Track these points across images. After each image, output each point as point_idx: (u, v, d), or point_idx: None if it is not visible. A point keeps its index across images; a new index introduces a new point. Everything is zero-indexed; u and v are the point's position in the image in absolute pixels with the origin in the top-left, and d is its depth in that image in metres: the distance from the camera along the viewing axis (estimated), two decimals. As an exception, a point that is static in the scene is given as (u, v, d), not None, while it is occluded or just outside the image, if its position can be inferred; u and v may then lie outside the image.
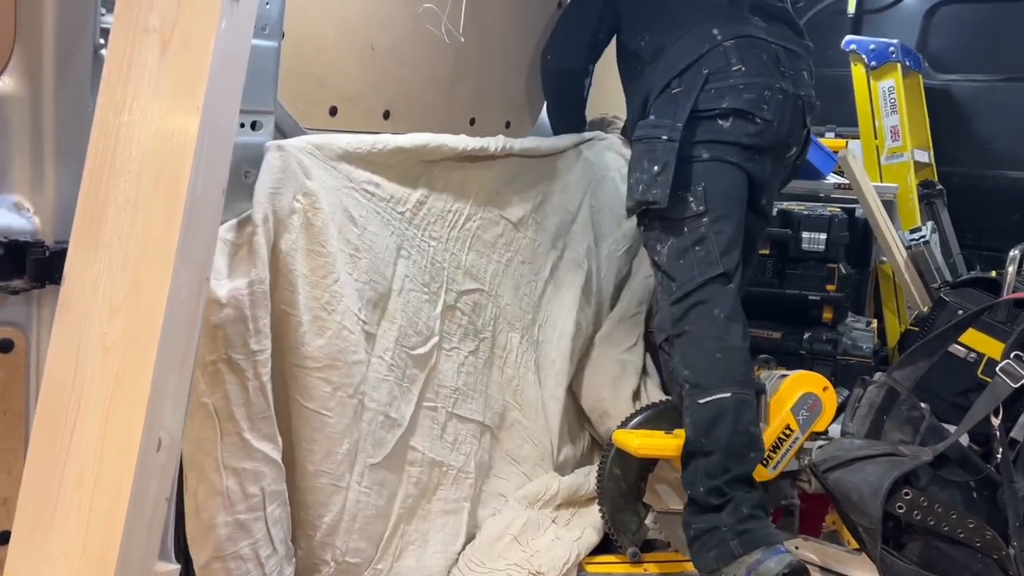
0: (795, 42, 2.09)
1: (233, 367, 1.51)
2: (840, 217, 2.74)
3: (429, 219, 1.95)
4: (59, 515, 1.07)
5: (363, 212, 1.77)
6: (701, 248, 1.93)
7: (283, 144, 1.61)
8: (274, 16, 1.56)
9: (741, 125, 1.95)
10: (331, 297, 1.66)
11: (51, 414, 1.10)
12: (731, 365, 1.88)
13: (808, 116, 2.08)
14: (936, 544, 1.71)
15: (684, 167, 1.94)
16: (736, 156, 1.97)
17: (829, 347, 2.68)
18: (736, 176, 1.98)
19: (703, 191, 1.94)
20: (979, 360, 2.32)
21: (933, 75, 3.46)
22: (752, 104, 1.95)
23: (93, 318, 1.10)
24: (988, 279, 2.58)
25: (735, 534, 1.78)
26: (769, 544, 1.76)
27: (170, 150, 1.11)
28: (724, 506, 1.80)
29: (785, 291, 2.82)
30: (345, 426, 1.68)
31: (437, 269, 1.96)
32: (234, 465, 1.52)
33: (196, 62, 1.12)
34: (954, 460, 1.75)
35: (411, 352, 1.88)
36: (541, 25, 2.47)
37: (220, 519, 1.51)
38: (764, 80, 1.97)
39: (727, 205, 1.96)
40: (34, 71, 1.25)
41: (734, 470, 1.81)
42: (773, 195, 2.20)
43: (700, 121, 1.96)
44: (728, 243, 1.94)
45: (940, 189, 3.31)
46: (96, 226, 1.12)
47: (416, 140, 1.89)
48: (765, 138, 1.98)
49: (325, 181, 1.67)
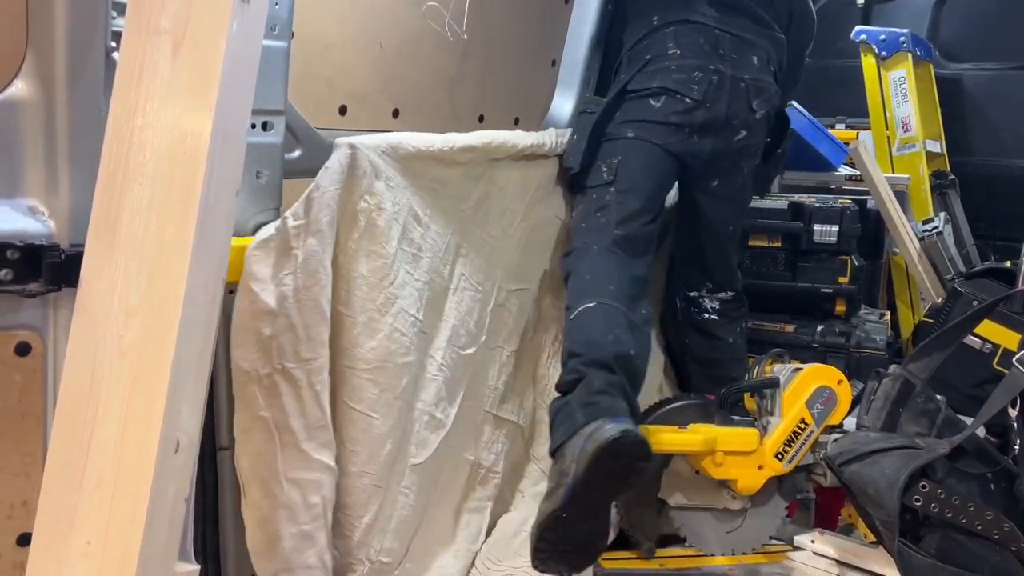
0: (751, 30, 2.11)
1: (288, 377, 1.52)
2: (852, 209, 2.72)
3: (488, 217, 1.95)
4: (79, 517, 1.08)
5: (428, 211, 1.76)
6: (602, 216, 2.01)
7: (355, 143, 1.61)
8: (284, 16, 1.56)
9: (670, 104, 2.03)
10: (386, 299, 1.65)
11: (69, 417, 1.11)
12: (600, 283, 1.92)
13: (755, 100, 2.09)
14: (954, 537, 1.70)
15: (609, 143, 2.05)
16: (662, 137, 2.03)
17: (842, 340, 2.66)
18: (656, 156, 2.04)
19: (617, 164, 2.03)
20: (995, 351, 2.30)
21: (944, 64, 3.43)
22: (681, 84, 2.02)
23: (110, 321, 1.11)
24: (1002, 269, 2.56)
25: (581, 406, 1.72)
26: (613, 415, 1.68)
27: (183, 152, 1.11)
28: (577, 383, 1.76)
29: (797, 284, 2.80)
30: (390, 427, 1.67)
31: (490, 268, 1.96)
32: (294, 476, 1.53)
33: (208, 64, 1.12)
34: (971, 452, 1.74)
35: (461, 352, 1.87)
36: (549, 21, 2.47)
37: (285, 531, 1.53)
38: (697, 62, 2.04)
39: (638, 181, 2.03)
40: (46, 75, 1.26)
41: (592, 354, 1.79)
42: (731, 179, 2.16)
43: (632, 101, 2.06)
44: (631, 215, 2.00)
45: (952, 179, 3.29)
46: (111, 229, 1.12)
47: (484, 137, 1.89)
48: (696, 117, 2.03)
49: (394, 180, 1.67)
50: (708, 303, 2.26)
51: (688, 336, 2.32)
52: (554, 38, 2.50)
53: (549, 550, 1.68)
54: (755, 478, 1.94)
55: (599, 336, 1.82)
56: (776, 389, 1.98)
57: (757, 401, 2.02)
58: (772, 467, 1.93)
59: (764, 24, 2.16)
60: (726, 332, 2.27)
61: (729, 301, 2.26)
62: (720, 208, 2.18)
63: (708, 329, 2.27)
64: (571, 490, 1.61)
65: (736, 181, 2.17)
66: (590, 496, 1.63)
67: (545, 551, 1.68)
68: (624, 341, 1.84)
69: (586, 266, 1.97)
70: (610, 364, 1.78)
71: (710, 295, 2.25)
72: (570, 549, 1.69)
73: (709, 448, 1.91)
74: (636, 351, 1.86)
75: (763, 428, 1.97)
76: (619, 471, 1.63)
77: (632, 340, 1.86)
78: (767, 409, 2.00)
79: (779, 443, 1.93)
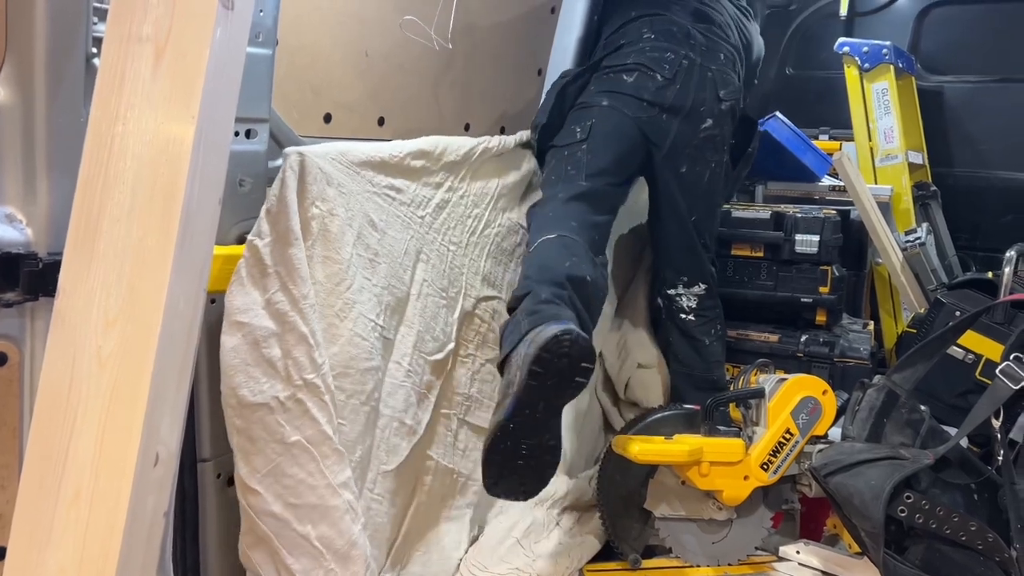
0: (720, 36, 2.26)
1: (312, 389, 1.52)
2: (833, 219, 2.73)
3: (449, 224, 1.95)
4: (55, 531, 1.06)
5: (384, 216, 1.77)
6: (572, 168, 2.10)
7: (303, 151, 1.60)
8: (268, 24, 1.55)
9: (643, 80, 2.15)
10: (344, 304, 1.64)
11: (46, 428, 1.09)
12: (562, 220, 1.98)
13: (721, 90, 2.19)
14: (938, 547, 1.70)
15: (583, 110, 2.17)
16: (634, 110, 2.14)
17: (826, 350, 2.67)
18: (627, 124, 2.14)
19: (590, 126, 2.13)
20: (977, 361, 2.31)
21: (926, 77, 3.46)
22: (653, 61, 2.15)
23: (88, 331, 1.09)
24: (984, 280, 2.57)
25: (527, 315, 1.68)
26: (558, 319, 1.63)
27: (165, 160, 1.10)
28: (524, 297, 1.75)
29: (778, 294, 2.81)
30: (358, 434, 1.67)
31: (455, 274, 1.96)
32: (342, 479, 1.54)
33: (191, 71, 1.11)
34: (955, 463, 1.75)
35: (428, 358, 1.87)
36: (535, 30, 2.47)
37: (356, 531, 1.54)
38: (669, 45, 2.18)
39: (611, 141, 2.12)
40: (25, 81, 1.24)
41: (544, 275, 1.80)
42: (697, 168, 2.22)
43: (606, 74, 2.20)
44: (599, 170, 2.09)
45: (935, 191, 3.31)
46: (91, 237, 1.11)
47: (432, 142, 1.90)
48: (666, 96, 2.14)
49: (345, 186, 1.67)
50: (685, 301, 2.30)
51: (670, 335, 2.37)
52: (540, 47, 2.51)
53: (499, 467, 1.61)
54: (741, 488, 1.94)
55: (555, 262, 1.85)
56: (761, 399, 1.98)
57: (742, 411, 2.02)
58: (758, 477, 1.93)
59: (730, 41, 2.30)
60: (703, 333, 2.32)
61: (703, 296, 2.31)
62: (686, 195, 2.24)
63: (687, 330, 2.32)
64: (516, 398, 1.55)
65: (703, 172, 2.23)
66: (537, 404, 1.56)
67: (495, 469, 1.61)
68: (581, 267, 1.85)
69: (550, 209, 2.04)
70: (561, 282, 1.78)
71: (686, 290, 2.30)
72: (520, 466, 1.61)
73: (695, 458, 1.90)
74: (593, 278, 1.86)
75: (748, 438, 1.96)
76: (563, 371, 1.54)
77: (591, 269, 1.88)
78: (752, 419, 2.00)
79: (765, 453, 1.93)
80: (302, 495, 1.51)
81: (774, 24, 3.64)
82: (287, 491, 1.51)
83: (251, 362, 1.49)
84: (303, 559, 1.51)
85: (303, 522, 1.51)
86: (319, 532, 1.51)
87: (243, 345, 1.49)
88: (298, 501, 1.51)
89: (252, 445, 1.50)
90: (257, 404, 1.49)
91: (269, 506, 1.51)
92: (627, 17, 2.29)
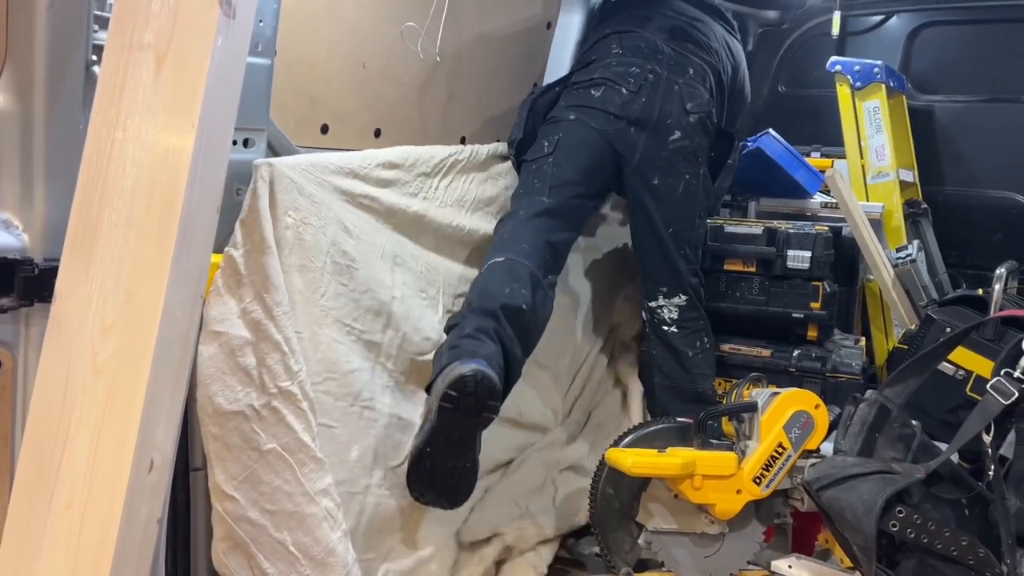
0: (693, 52, 2.32)
1: (288, 397, 1.53)
2: (825, 235, 2.75)
3: (426, 230, 1.98)
4: (48, 539, 1.05)
5: (358, 222, 1.79)
6: (538, 181, 2.16)
7: (273, 162, 1.62)
8: (268, 34, 1.56)
9: (608, 94, 2.21)
10: (320, 311, 1.68)
11: (40, 435, 1.08)
12: (515, 242, 2.03)
13: (688, 103, 2.24)
14: (930, 562, 1.71)
15: (552, 124, 2.23)
16: (601, 123, 2.20)
17: (818, 365, 2.68)
18: (593, 138, 2.20)
19: (557, 140, 2.20)
20: (968, 377, 2.32)
21: (916, 96, 3.49)
22: (618, 76, 2.21)
23: (84, 337, 1.08)
24: (974, 297, 2.59)
25: (449, 347, 1.80)
26: (472, 356, 1.75)
27: (165, 168, 1.10)
28: (454, 327, 1.85)
29: (769, 309, 2.83)
30: (351, 433, 1.71)
31: (432, 275, 1.99)
32: (321, 487, 1.55)
33: (191, 79, 1.11)
34: (946, 477, 1.75)
35: (418, 359, 1.90)
36: (531, 44, 2.49)
37: (334, 539, 1.55)
38: (635, 60, 2.24)
39: (576, 154, 2.18)
40: (25, 88, 1.24)
41: (480, 303, 1.88)
42: (670, 180, 2.26)
43: (576, 90, 2.26)
44: (563, 183, 2.14)
45: (925, 208, 3.33)
46: (88, 244, 1.11)
47: (404, 153, 1.93)
48: (632, 110, 2.19)
49: (317, 195, 1.69)
50: (667, 312, 2.33)
51: (654, 348, 2.38)
52: (536, 62, 2.53)
53: (422, 483, 1.76)
54: (733, 502, 1.94)
55: (496, 288, 1.91)
56: (754, 413, 1.98)
57: (735, 425, 2.03)
58: (750, 491, 1.93)
59: (707, 51, 2.35)
60: (686, 345, 2.34)
61: (685, 307, 2.33)
62: (661, 207, 2.27)
63: (670, 342, 2.34)
64: (431, 427, 1.70)
65: (676, 184, 2.27)
66: (450, 432, 1.71)
67: (418, 485, 1.76)
68: (520, 295, 1.91)
69: (508, 227, 2.09)
70: (494, 311, 1.86)
71: (667, 301, 2.32)
72: (441, 483, 1.77)
73: (688, 472, 1.91)
74: (530, 306, 1.94)
75: (741, 452, 1.97)
76: (469, 408, 1.70)
77: (530, 296, 1.94)
78: (745, 433, 2.00)
79: (757, 467, 1.94)
80: (278, 502, 1.52)
81: (767, 43, 3.67)
82: (263, 497, 1.52)
83: (227, 371, 1.51)
84: (279, 564, 1.52)
85: (279, 528, 1.52)
86: (295, 539, 1.53)
87: (219, 354, 1.51)
88: (274, 508, 1.52)
89: (228, 452, 1.51)
90: (233, 412, 1.51)
91: (245, 512, 1.52)
92: (600, 34, 2.36)
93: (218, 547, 1.55)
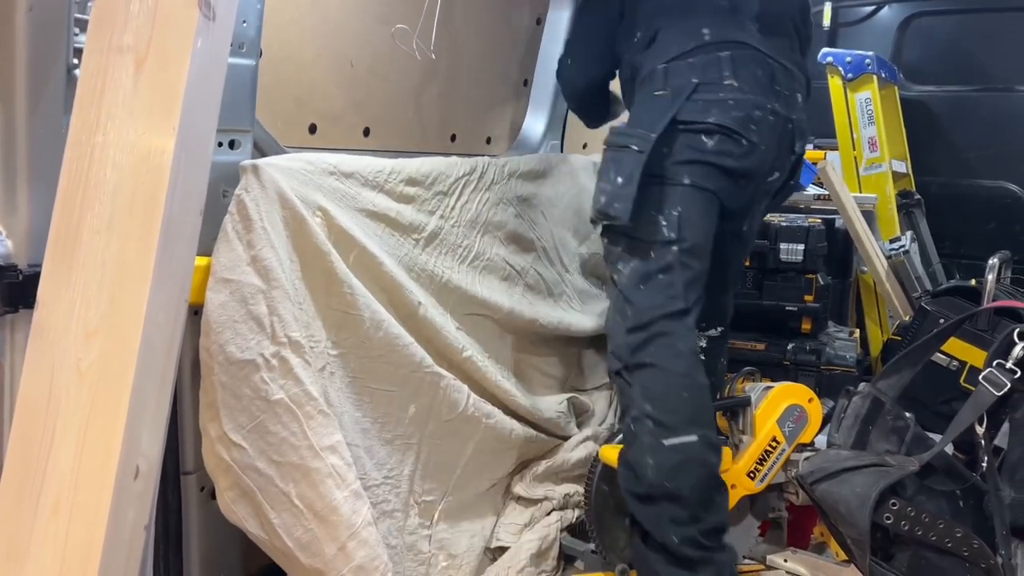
0: (791, 59, 1.97)
1: (295, 347, 1.53)
2: (818, 228, 2.75)
3: (441, 250, 1.96)
4: (34, 545, 1.05)
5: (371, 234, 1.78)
6: (666, 277, 1.78)
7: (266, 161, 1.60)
8: (251, 35, 1.55)
9: (726, 145, 1.80)
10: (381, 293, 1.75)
11: (25, 441, 1.08)
12: (698, 406, 1.76)
13: (797, 143, 1.96)
14: (924, 554, 1.71)
15: (661, 187, 1.79)
16: (716, 182, 1.82)
17: (813, 357, 2.68)
18: (713, 206, 1.84)
19: (678, 218, 1.78)
20: (961, 368, 2.33)
21: (908, 86, 3.50)
22: (740, 123, 1.80)
23: (68, 343, 1.08)
24: (968, 288, 2.59)
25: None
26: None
27: (146, 171, 1.10)
28: (700, 564, 1.69)
29: (763, 302, 2.82)
30: (409, 394, 1.81)
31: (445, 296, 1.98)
32: (330, 442, 1.55)
33: (171, 81, 1.11)
34: (940, 469, 1.75)
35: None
36: (521, 41, 2.48)
37: (339, 498, 1.54)
38: (755, 98, 1.83)
39: (700, 237, 1.82)
40: (6, 92, 1.23)
41: (705, 519, 1.70)
42: (755, 221, 2.13)
43: (682, 134, 1.79)
44: (694, 278, 1.80)
45: (918, 199, 3.34)
46: (70, 249, 1.10)
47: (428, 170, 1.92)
48: (750, 162, 1.84)
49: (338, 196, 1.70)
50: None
51: None
52: (526, 58, 2.51)
53: None
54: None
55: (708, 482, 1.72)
56: (748, 408, 1.98)
57: (729, 420, 2.02)
58: (745, 486, 1.93)
59: (800, 50, 2.04)
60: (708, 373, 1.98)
61: (717, 338, 2.19)
62: (743, 251, 2.15)
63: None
64: None
65: (759, 220, 2.14)
66: None
67: None
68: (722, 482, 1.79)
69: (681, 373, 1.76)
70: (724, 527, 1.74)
71: (703, 334, 2.12)
72: None
73: (681, 467, 1.90)
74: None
75: (735, 447, 1.97)
76: None
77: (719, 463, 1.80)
78: (739, 428, 2.00)
79: (751, 462, 1.93)
80: (284, 453, 1.52)
81: (758, 35, 3.67)
82: (270, 448, 1.51)
83: (238, 319, 1.49)
84: (285, 515, 1.52)
85: (285, 480, 1.52)
86: (299, 491, 1.53)
87: (231, 302, 1.49)
88: (280, 459, 1.52)
89: (237, 401, 1.50)
90: (244, 361, 1.49)
91: (253, 461, 1.51)
92: (699, 39, 1.85)
93: (225, 496, 1.54)
